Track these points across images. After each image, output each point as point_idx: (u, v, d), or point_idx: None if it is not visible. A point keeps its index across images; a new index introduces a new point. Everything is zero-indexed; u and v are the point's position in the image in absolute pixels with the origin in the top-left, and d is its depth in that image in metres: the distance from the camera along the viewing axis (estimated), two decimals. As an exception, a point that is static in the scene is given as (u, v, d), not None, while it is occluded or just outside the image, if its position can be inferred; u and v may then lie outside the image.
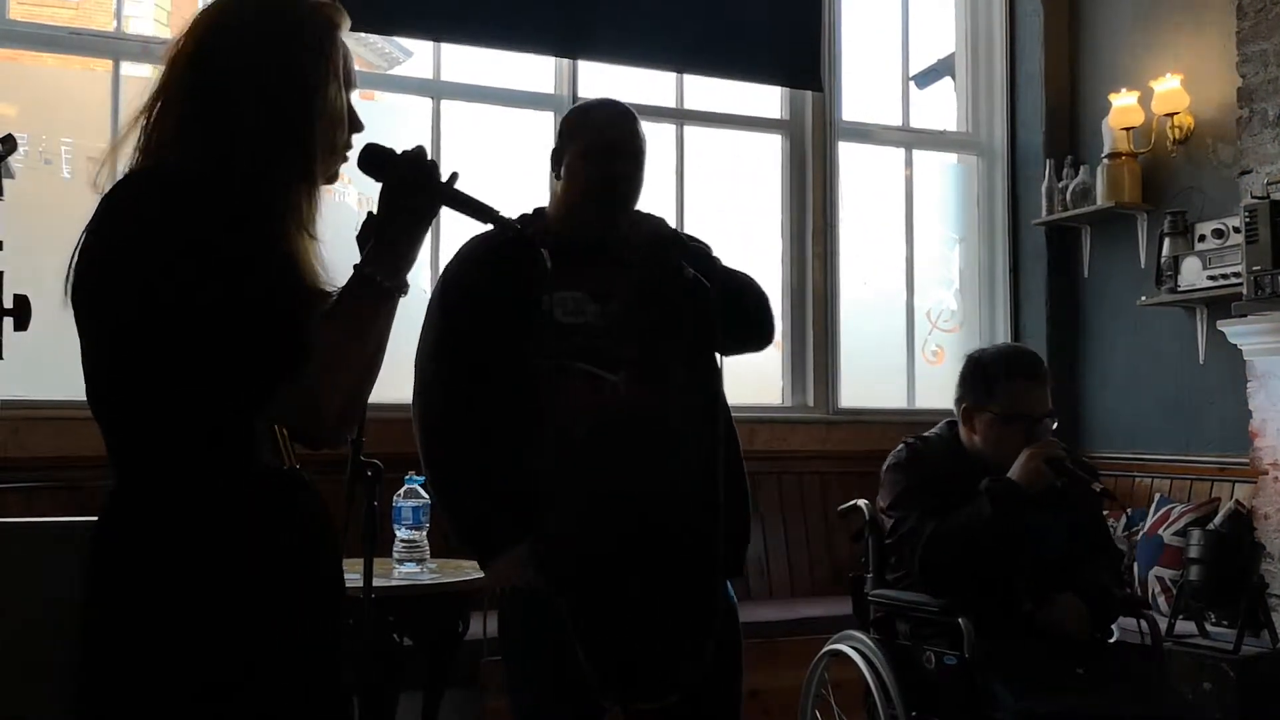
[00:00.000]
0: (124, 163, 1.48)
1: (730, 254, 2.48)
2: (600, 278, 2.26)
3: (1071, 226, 5.12)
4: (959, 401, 2.91)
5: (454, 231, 4.37)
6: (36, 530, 2.60)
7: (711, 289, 2.21)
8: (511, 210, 2.30)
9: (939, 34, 5.61)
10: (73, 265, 1.40)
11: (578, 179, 2.34)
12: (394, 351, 1.48)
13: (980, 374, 2.88)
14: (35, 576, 1.58)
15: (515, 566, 2.19)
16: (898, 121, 5.38)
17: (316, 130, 1.48)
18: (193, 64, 1.47)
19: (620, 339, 2.22)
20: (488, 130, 4.63)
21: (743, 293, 2.37)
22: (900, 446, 2.94)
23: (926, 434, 2.99)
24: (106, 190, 1.43)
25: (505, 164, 4.62)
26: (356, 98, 1.57)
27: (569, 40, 4.57)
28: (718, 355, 2.32)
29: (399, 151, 1.50)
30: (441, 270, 2.44)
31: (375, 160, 1.50)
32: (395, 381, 1.51)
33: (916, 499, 2.80)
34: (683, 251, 2.26)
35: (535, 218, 2.43)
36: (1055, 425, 2.88)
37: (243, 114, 1.44)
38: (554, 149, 2.42)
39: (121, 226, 1.39)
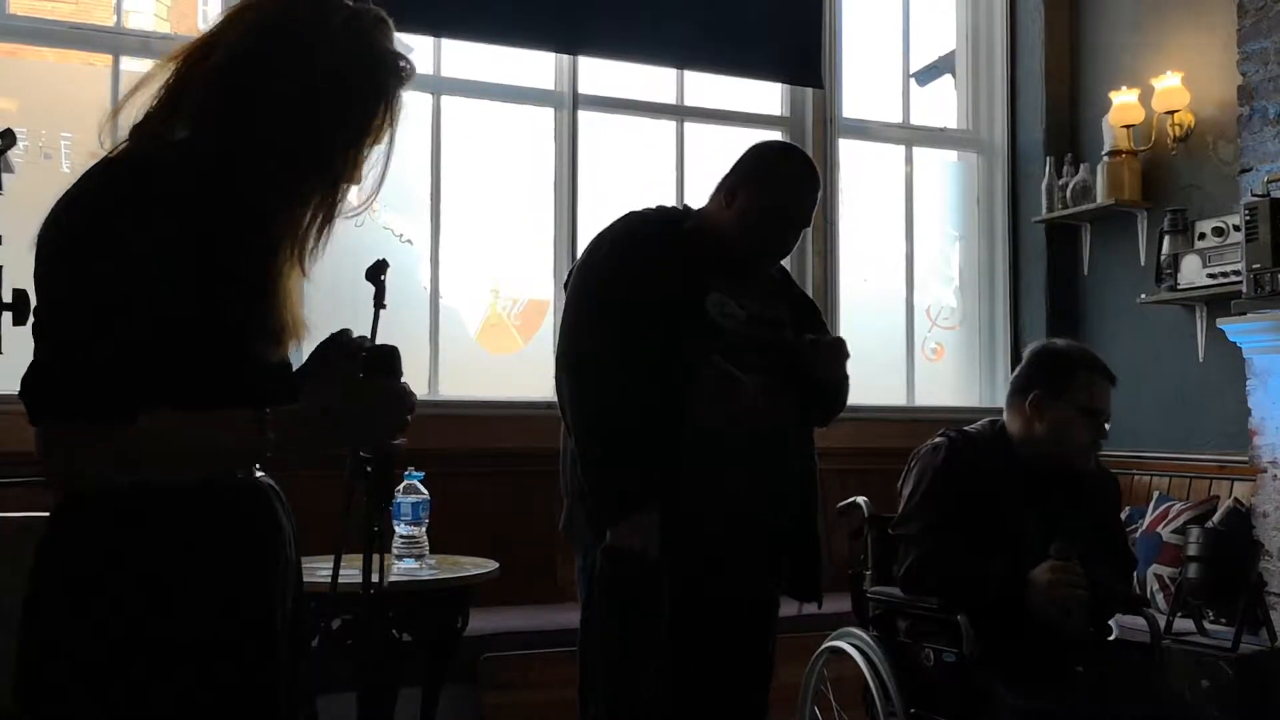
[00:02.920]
0: (123, 123, 1.41)
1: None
2: (745, 288, 2.51)
3: (1071, 224, 5.12)
4: (1024, 390, 2.82)
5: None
6: (37, 525, 2.60)
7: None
8: (517, 208, 2.30)
9: (939, 31, 5.60)
10: (36, 241, 1.35)
11: (749, 224, 2.52)
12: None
13: (1060, 365, 2.83)
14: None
15: (641, 531, 2.35)
16: (898, 118, 5.37)
17: (345, 178, 1.43)
18: (231, 61, 1.38)
19: (757, 348, 2.46)
20: (488, 126, 4.62)
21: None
22: (940, 438, 2.86)
23: (969, 428, 2.92)
24: (91, 166, 1.36)
25: (506, 160, 4.63)
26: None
27: (569, 36, 4.56)
28: None
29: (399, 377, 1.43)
30: (589, 247, 2.58)
31: (385, 361, 1.43)
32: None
33: (927, 506, 2.77)
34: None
35: (688, 215, 2.64)
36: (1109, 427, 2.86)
37: (276, 142, 1.38)
38: (732, 178, 2.59)
39: (84, 209, 1.33)
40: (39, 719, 1.34)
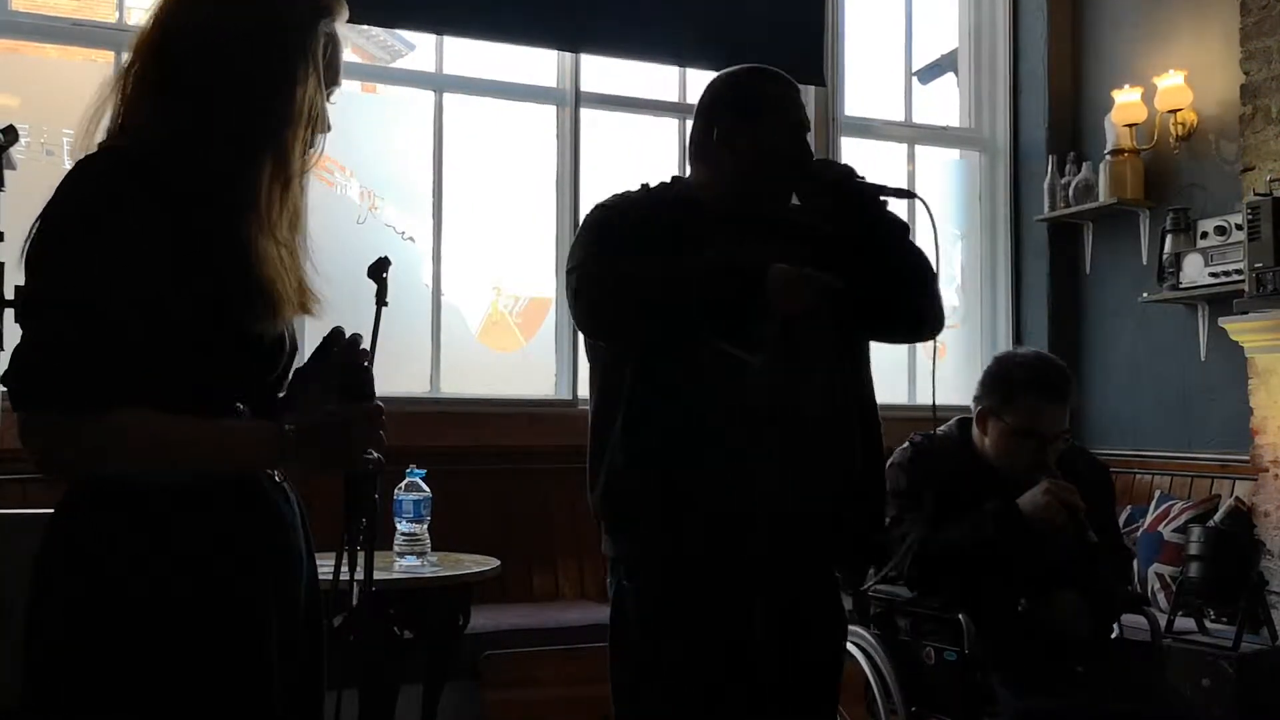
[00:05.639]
0: (101, 128, 1.45)
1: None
2: (752, 251, 2.08)
3: (1074, 223, 5.12)
4: (977, 400, 2.84)
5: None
6: (34, 522, 2.60)
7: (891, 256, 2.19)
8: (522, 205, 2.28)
9: (942, 29, 5.60)
10: (27, 240, 1.37)
11: (747, 170, 2.18)
12: (393, 344, 1.47)
13: (1004, 380, 2.80)
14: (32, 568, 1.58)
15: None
16: (900, 117, 5.37)
17: (289, 127, 1.42)
18: (166, 35, 1.42)
19: (764, 317, 2.00)
20: (490, 124, 4.62)
21: (916, 278, 2.27)
22: (906, 444, 2.89)
23: (936, 431, 2.92)
24: (72, 166, 1.39)
25: (508, 158, 4.63)
26: (343, 92, 1.50)
27: (571, 34, 4.56)
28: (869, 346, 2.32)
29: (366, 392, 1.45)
30: (585, 218, 2.23)
31: (356, 385, 1.45)
32: (390, 376, 1.51)
33: (911, 502, 2.78)
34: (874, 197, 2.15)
35: (680, 184, 2.28)
36: (1067, 445, 2.83)
37: (214, 101, 1.39)
38: (707, 120, 2.27)
39: (64, 206, 1.35)
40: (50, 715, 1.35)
